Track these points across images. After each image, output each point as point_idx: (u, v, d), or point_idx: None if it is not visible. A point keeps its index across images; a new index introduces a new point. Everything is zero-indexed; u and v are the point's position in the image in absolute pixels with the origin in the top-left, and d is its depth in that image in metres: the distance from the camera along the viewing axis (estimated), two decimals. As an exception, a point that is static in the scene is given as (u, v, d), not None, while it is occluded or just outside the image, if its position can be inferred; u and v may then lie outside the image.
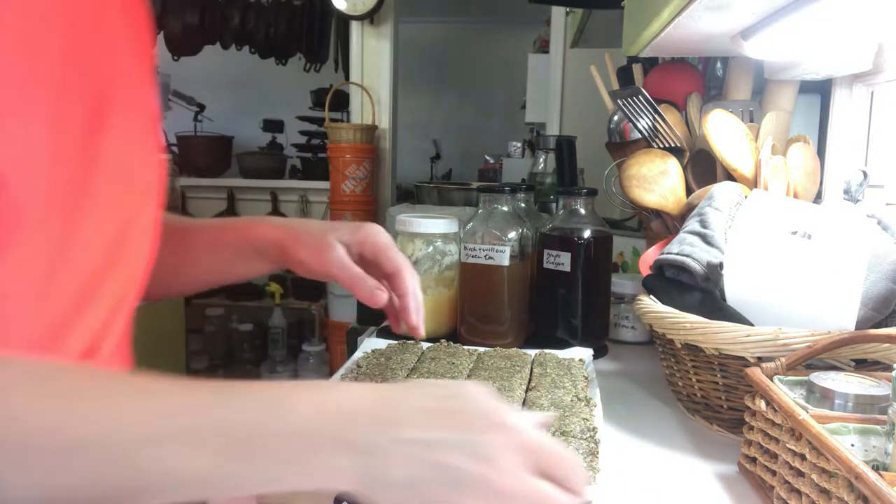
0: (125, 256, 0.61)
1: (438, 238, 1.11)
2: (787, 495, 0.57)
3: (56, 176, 0.50)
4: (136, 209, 0.62)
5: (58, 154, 0.51)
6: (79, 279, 0.55)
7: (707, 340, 0.73)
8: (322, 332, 3.30)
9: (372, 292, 0.65)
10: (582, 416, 0.72)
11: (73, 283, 0.55)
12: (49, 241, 0.51)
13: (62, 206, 0.51)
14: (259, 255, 0.71)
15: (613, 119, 1.26)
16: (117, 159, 0.57)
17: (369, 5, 3.04)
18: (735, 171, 0.94)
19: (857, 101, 1.02)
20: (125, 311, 0.65)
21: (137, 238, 0.64)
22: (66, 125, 0.51)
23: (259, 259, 0.71)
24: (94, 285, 0.57)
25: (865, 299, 0.72)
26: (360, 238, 0.68)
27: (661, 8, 0.82)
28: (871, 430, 0.54)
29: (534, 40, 3.72)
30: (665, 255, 0.84)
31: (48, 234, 0.50)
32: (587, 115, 2.11)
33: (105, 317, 0.61)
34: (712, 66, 1.18)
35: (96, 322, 0.59)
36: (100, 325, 0.59)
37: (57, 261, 0.52)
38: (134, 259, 0.63)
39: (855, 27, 0.83)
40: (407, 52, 3.73)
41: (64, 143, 0.51)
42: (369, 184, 3.09)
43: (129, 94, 0.60)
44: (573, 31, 2.72)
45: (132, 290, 0.65)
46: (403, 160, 3.80)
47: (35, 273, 0.50)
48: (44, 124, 0.50)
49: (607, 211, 1.42)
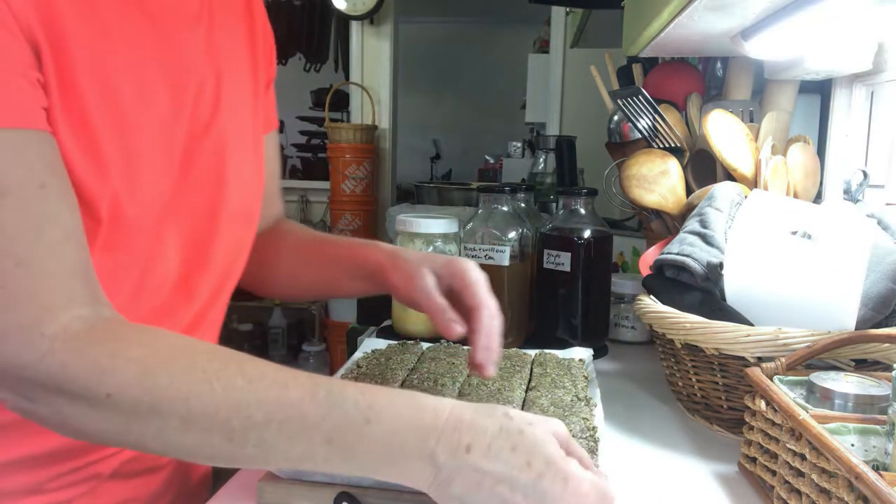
0: (215, 258, 0.69)
1: (438, 238, 1.11)
2: (787, 495, 0.57)
3: (158, 190, 0.60)
4: (229, 219, 0.69)
5: (163, 174, 0.60)
6: (170, 278, 0.64)
7: (707, 340, 0.73)
8: (322, 332, 3.30)
9: (448, 324, 0.66)
10: (582, 416, 0.72)
11: (166, 280, 0.64)
12: (144, 241, 0.60)
13: (158, 213, 0.60)
14: (367, 277, 0.75)
15: (613, 119, 1.26)
16: (209, 169, 0.66)
17: (369, 5, 3.04)
18: (735, 171, 0.94)
19: (857, 101, 1.02)
20: (218, 307, 0.73)
21: (230, 242, 0.71)
22: (172, 147, 0.61)
23: (366, 280, 0.76)
24: (185, 283, 0.66)
25: (865, 299, 0.72)
26: (452, 271, 0.69)
27: (661, 8, 0.82)
28: (871, 430, 0.54)
29: (534, 40, 3.72)
30: (665, 255, 0.84)
31: (143, 236, 0.59)
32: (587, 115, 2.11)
33: (198, 311, 0.69)
34: (712, 66, 1.18)
35: (188, 316, 0.68)
36: (191, 320, 0.69)
37: (149, 259, 0.61)
38: (225, 260, 0.71)
39: (855, 27, 0.83)
40: (407, 52, 3.73)
41: (168, 164, 0.61)
42: (369, 184, 3.09)
43: (229, 113, 0.68)
44: (573, 31, 2.72)
45: (225, 288, 0.73)
46: (403, 160, 3.80)
47: (132, 271, 0.60)
48: (157, 152, 0.59)
49: (607, 211, 1.42)
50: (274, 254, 0.85)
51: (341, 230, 3.01)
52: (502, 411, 0.51)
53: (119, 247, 0.57)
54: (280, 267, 0.84)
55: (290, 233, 0.87)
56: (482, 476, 0.48)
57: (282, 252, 0.84)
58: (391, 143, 3.31)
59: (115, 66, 0.55)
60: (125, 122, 0.56)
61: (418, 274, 0.69)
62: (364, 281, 0.76)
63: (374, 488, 0.57)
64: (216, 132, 0.66)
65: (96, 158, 0.54)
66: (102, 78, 0.54)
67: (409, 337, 1.06)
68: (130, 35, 0.57)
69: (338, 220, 3.03)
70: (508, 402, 0.75)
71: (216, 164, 0.66)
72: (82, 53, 0.53)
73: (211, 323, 0.73)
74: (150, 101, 0.59)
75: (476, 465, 0.48)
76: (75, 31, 0.52)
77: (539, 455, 0.49)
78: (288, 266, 0.84)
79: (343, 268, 0.79)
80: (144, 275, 0.61)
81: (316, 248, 0.83)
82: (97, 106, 0.54)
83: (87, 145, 0.53)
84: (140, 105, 0.57)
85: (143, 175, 0.58)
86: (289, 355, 3.41)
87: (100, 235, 0.55)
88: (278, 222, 0.89)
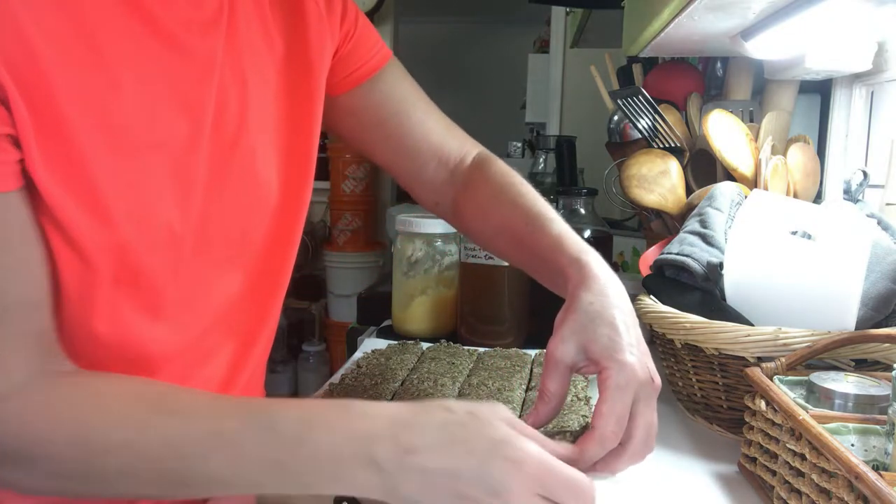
0: (252, 299, 0.68)
1: (438, 238, 1.11)
2: (787, 495, 0.57)
3: (176, 227, 0.57)
4: (259, 258, 0.67)
5: (181, 209, 0.57)
6: (205, 319, 0.63)
7: (707, 340, 0.73)
8: (322, 332, 3.30)
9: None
10: (581, 415, 0.72)
11: (200, 320, 0.62)
12: (179, 284, 0.59)
13: (184, 252, 0.58)
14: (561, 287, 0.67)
15: (613, 119, 1.26)
16: (240, 192, 0.63)
17: (369, 5, 3.04)
18: (735, 171, 0.94)
19: (857, 101, 1.02)
20: (259, 348, 0.72)
21: (265, 282, 0.70)
22: (193, 176, 0.58)
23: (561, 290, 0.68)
24: (220, 326, 0.65)
25: (865, 299, 0.72)
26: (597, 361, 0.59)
27: (661, 8, 0.82)
28: (871, 430, 0.54)
29: (534, 40, 3.72)
30: (665, 255, 0.84)
31: (176, 278, 0.58)
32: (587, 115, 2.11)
33: (235, 352, 0.68)
34: (712, 66, 1.18)
35: (226, 357, 0.67)
36: (230, 359, 0.68)
37: (182, 302, 0.59)
38: (261, 302, 0.70)
39: (855, 27, 0.83)
40: (407, 52, 3.72)
41: (188, 196, 0.58)
42: (369, 184, 3.08)
43: (259, 125, 0.64)
44: (573, 31, 2.72)
45: (265, 330, 0.72)
46: (403, 160, 3.79)
47: (172, 309, 0.59)
48: (171, 185, 0.56)
49: (607, 211, 1.42)
50: (472, 213, 0.79)
51: (341, 230, 3.01)
52: (442, 406, 0.49)
53: (146, 290, 0.56)
54: (474, 223, 0.79)
55: (493, 195, 0.77)
56: (429, 475, 0.46)
57: (478, 217, 0.78)
58: (391, 143, 3.31)
59: (112, 91, 0.51)
60: (129, 157, 0.52)
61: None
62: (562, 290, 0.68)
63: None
64: (244, 148, 0.62)
65: (95, 207, 0.50)
66: (96, 109, 0.50)
67: (409, 337, 1.06)
68: (130, 52, 0.52)
69: (338, 220, 3.03)
70: (508, 403, 0.75)
71: (248, 182, 0.63)
72: (67, 85, 0.47)
73: (270, 331, 0.72)
74: (159, 127, 0.54)
75: (420, 465, 0.47)
76: (55, 62, 0.47)
77: (480, 440, 0.47)
78: (481, 231, 0.78)
79: (548, 271, 0.71)
80: (186, 309, 0.60)
81: (521, 232, 0.73)
82: (91, 144, 0.49)
83: (82, 194, 0.50)
84: (148, 134, 0.53)
85: (157, 214, 0.55)
86: (289, 355, 3.40)
87: (119, 284, 0.54)
88: (480, 165, 0.80)
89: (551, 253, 0.68)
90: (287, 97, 0.69)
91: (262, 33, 0.65)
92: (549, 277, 0.70)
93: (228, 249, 0.63)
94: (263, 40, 0.65)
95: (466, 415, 0.49)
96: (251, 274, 0.67)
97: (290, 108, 0.70)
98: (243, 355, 0.69)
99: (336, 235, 3.00)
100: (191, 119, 0.57)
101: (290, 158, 0.69)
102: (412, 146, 0.80)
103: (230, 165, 0.61)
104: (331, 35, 0.72)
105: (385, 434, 0.47)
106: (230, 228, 0.63)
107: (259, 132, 0.64)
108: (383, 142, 0.80)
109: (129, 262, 0.54)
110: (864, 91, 1.01)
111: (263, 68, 0.65)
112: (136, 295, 0.56)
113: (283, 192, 0.68)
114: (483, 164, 0.81)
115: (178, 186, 0.56)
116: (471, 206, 0.79)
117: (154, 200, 0.55)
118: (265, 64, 0.66)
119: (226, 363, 0.67)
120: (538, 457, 0.47)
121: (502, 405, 0.51)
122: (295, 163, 0.70)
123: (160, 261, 0.57)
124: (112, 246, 0.53)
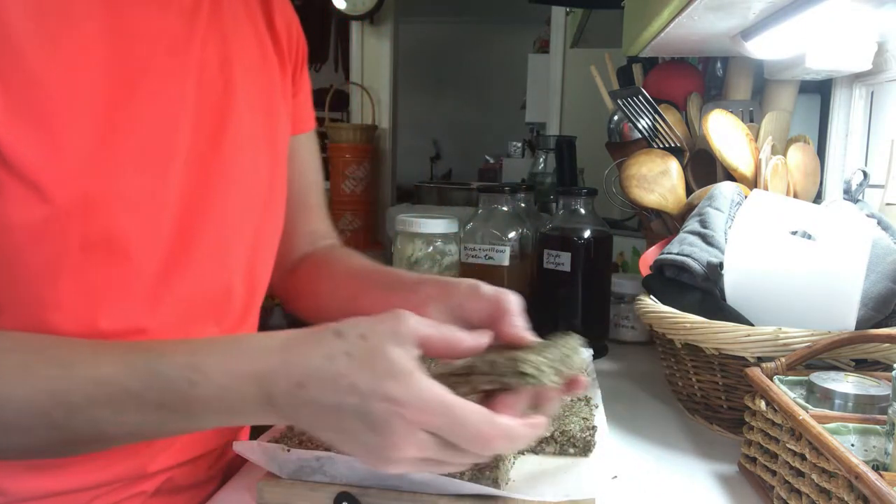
0: (236, 289, 0.67)
1: (438, 238, 1.11)
2: (787, 495, 0.57)
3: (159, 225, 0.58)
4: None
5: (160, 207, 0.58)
6: (184, 304, 0.62)
7: (707, 340, 0.73)
8: (322, 331, 3.30)
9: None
10: (582, 416, 0.72)
11: (179, 304, 0.61)
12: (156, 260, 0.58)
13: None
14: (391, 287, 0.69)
15: (613, 119, 1.26)
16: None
17: (369, 5, 3.04)
18: (735, 171, 0.94)
19: (857, 101, 1.02)
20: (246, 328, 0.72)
21: (250, 274, 0.70)
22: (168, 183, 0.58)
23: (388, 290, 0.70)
24: (200, 312, 0.64)
25: (865, 299, 0.72)
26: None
27: (661, 8, 0.82)
28: (871, 430, 0.54)
29: (534, 40, 3.72)
30: (665, 255, 0.84)
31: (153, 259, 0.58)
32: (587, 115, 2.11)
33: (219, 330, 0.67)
34: (712, 66, 1.18)
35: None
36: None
37: (160, 280, 0.59)
38: (247, 291, 0.69)
39: (855, 27, 0.83)
40: (407, 52, 3.72)
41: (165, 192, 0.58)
42: (369, 184, 3.08)
43: (244, 103, 0.66)
44: (573, 31, 2.72)
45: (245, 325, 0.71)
46: (403, 160, 3.80)
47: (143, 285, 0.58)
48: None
49: (607, 211, 1.42)
50: (316, 283, 0.79)
51: (341, 230, 3.01)
52: (333, 332, 0.48)
53: (119, 259, 0.55)
54: (321, 298, 0.78)
55: (338, 261, 0.80)
56: (317, 408, 0.46)
57: (323, 282, 0.78)
58: (391, 143, 3.31)
59: (80, 45, 0.52)
60: (92, 98, 0.52)
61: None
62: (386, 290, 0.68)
63: (374, 488, 0.57)
64: (232, 135, 0.64)
65: (53, 142, 0.50)
66: (62, 57, 0.50)
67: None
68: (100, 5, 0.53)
69: (338, 220, 3.03)
70: None
71: (234, 167, 0.65)
72: (29, 31, 0.49)
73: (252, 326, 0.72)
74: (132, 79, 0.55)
75: (311, 398, 0.46)
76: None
77: (364, 374, 0.45)
78: (330, 299, 0.77)
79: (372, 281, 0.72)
80: (165, 290, 0.59)
81: (365, 279, 0.74)
82: (44, 70, 0.49)
83: (37, 125, 0.50)
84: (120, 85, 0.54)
85: (129, 169, 0.55)
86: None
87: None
88: (329, 249, 0.84)
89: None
90: (269, 91, 0.71)
91: (243, 30, 0.69)
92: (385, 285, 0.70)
93: (212, 231, 0.63)
94: (244, 34, 0.69)
95: (357, 341, 0.47)
96: (233, 265, 0.66)
97: (275, 104, 0.72)
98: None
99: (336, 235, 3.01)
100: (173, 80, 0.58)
101: (273, 147, 0.71)
102: (303, 220, 0.83)
103: (216, 154, 0.63)
104: (294, 61, 0.78)
105: (278, 370, 0.47)
106: (214, 213, 0.63)
107: (245, 115, 0.66)
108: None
109: (100, 219, 0.53)
110: (864, 91, 1.01)
111: (249, 55, 0.68)
112: (109, 263, 0.55)
113: (269, 181, 0.69)
114: (334, 247, 0.85)
115: (156, 153, 0.57)
116: (306, 268, 0.81)
117: (127, 155, 0.54)
118: (249, 52, 0.69)
119: None
120: (423, 395, 0.45)
121: (411, 316, 0.48)
122: (277, 153, 0.72)
123: (136, 225, 0.55)
124: (78, 195, 0.52)
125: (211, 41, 0.63)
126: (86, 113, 0.52)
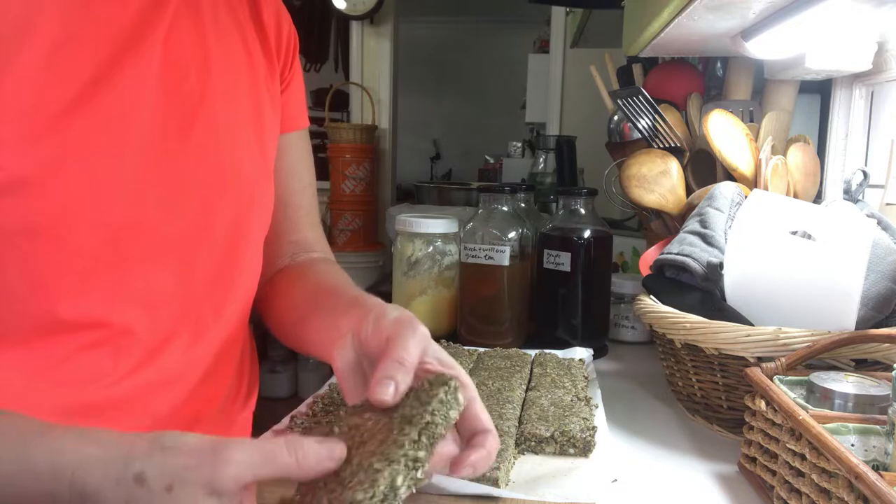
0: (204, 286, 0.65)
1: (438, 238, 1.11)
2: (787, 495, 0.57)
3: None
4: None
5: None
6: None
7: (707, 340, 0.73)
8: (322, 332, 3.30)
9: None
10: (582, 416, 0.72)
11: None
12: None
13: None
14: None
15: (613, 119, 1.26)
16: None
17: (369, 5, 3.04)
18: (735, 171, 0.94)
19: (857, 101, 1.02)
20: (210, 340, 0.68)
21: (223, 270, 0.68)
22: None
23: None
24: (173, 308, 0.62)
25: (865, 299, 0.72)
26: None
27: (661, 8, 0.82)
28: (871, 430, 0.54)
29: (534, 40, 3.72)
30: (665, 255, 0.84)
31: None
32: (587, 115, 2.11)
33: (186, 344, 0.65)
34: (712, 66, 1.18)
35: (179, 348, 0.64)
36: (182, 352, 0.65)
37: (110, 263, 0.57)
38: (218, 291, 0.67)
39: (855, 27, 0.83)
40: (407, 52, 3.72)
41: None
42: (369, 184, 3.08)
43: (224, 96, 0.64)
44: (573, 31, 2.72)
45: (218, 324, 0.68)
46: (403, 160, 3.80)
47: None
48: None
49: (607, 211, 1.42)
50: (278, 300, 0.74)
51: (341, 230, 3.01)
52: (135, 474, 0.41)
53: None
54: (279, 317, 0.74)
55: (305, 279, 0.75)
56: None
57: (282, 300, 0.74)
58: (391, 143, 3.31)
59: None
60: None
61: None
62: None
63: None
64: (207, 123, 0.63)
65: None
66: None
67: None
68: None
69: (338, 220, 3.03)
70: (508, 403, 0.75)
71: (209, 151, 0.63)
72: None
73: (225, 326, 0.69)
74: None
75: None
76: None
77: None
78: (284, 321, 0.73)
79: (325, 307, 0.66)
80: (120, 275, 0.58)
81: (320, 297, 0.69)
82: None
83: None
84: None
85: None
86: (289, 355, 3.41)
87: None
88: (307, 264, 0.79)
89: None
90: (252, 86, 0.70)
91: (228, 28, 0.68)
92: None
93: (175, 227, 0.61)
94: (230, 31, 0.68)
95: (160, 492, 0.40)
96: (197, 262, 0.64)
97: (260, 99, 0.71)
98: (192, 346, 0.65)
99: (336, 235, 3.00)
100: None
101: (261, 145, 0.70)
102: (289, 227, 0.79)
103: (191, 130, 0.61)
104: (285, 58, 0.76)
105: (72, 499, 0.41)
106: (176, 207, 0.60)
107: (225, 111, 0.65)
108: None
109: (41, 204, 0.51)
110: (864, 91, 1.01)
111: (228, 37, 0.67)
112: (54, 251, 0.53)
113: (252, 180, 0.68)
114: (315, 261, 0.79)
115: (107, 145, 0.55)
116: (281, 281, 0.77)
117: (74, 146, 0.53)
118: (230, 34, 0.68)
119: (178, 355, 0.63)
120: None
121: (238, 451, 0.41)
122: (265, 151, 0.71)
123: (81, 215, 0.54)
124: (15, 179, 0.50)
125: (178, 38, 0.61)
126: (27, 100, 0.50)
